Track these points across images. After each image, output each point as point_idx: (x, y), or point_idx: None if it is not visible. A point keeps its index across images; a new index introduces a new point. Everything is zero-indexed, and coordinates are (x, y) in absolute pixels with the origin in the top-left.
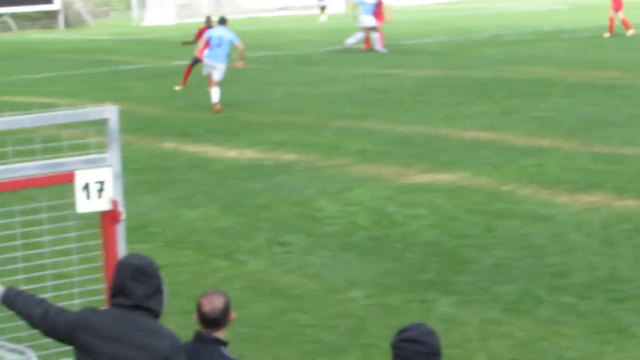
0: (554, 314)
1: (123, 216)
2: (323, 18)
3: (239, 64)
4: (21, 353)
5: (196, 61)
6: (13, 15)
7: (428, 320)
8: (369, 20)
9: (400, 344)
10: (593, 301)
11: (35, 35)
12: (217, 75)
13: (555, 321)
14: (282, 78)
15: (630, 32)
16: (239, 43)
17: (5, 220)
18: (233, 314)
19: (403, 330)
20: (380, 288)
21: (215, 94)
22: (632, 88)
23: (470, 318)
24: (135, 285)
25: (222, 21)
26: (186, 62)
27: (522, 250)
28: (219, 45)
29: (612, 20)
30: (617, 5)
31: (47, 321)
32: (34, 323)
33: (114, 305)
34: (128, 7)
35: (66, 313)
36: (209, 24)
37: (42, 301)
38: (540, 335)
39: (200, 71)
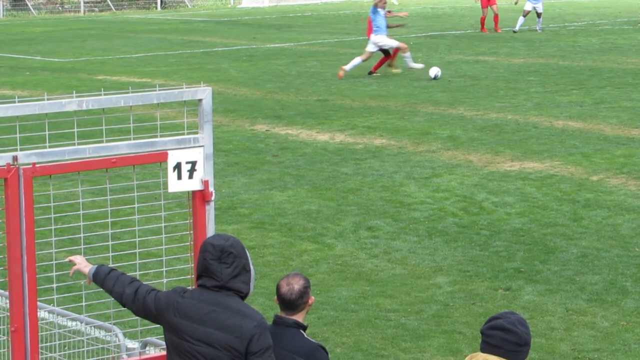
0: (639, 305)
1: (213, 197)
2: (395, 1)
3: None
4: (108, 330)
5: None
6: None
7: (512, 308)
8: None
9: (490, 332)
10: None
11: (132, 15)
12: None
13: (639, 312)
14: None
15: None
16: None
17: (97, 198)
18: (312, 298)
19: (494, 318)
20: (466, 275)
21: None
22: None
23: (555, 307)
24: (219, 266)
25: None
26: (279, 45)
27: (609, 241)
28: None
29: None
30: None
31: (137, 300)
32: (124, 301)
33: (199, 286)
34: None
35: (155, 293)
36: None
37: (133, 280)
38: (625, 327)
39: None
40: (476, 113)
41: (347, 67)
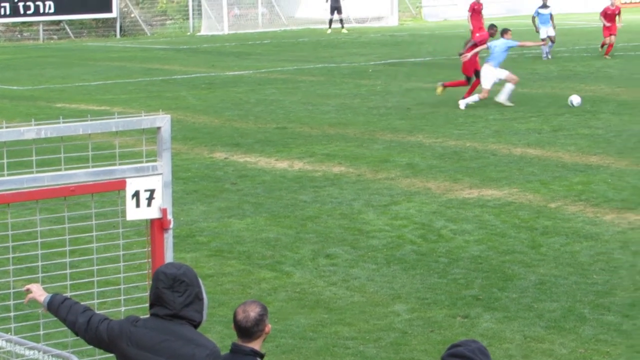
0: (597, 333)
1: (171, 225)
2: (344, 31)
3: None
4: (65, 359)
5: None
6: (70, 23)
7: (470, 336)
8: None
9: (451, 359)
10: (637, 320)
11: (91, 43)
12: None
13: (598, 340)
14: (335, 90)
15: None
16: None
17: (56, 227)
18: (269, 326)
19: (454, 346)
20: (424, 302)
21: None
22: None
23: (513, 335)
24: (171, 295)
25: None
26: (239, 72)
27: (566, 268)
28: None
29: None
30: None
31: (89, 329)
32: (77, 330)
33: (152, 315)
34: (184, 17)
35: (108, 322)
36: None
37: (86, 309)
38: (583, 354)
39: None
40: (435, 140)
41: (468, 100)
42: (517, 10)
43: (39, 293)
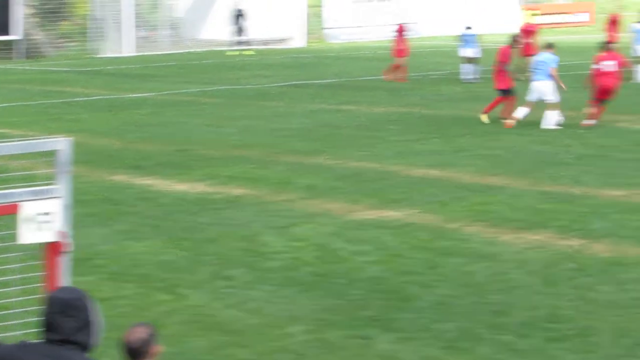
0: (493, 352)
1: (68, 248)
2: (249, 52)
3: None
4: None
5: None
6: None
7: (367, 357)
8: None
9: None
10: (532, 340)
11: None
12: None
13: (493, 359)
14: (238, 112)
15: None
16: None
17: None
18: (158, 347)
19: None
20: (321, 324)
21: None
22: (586, 128)
23: (410, 355)
24: (63, 320)
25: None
26: (142, 94)
27: (464, 288)
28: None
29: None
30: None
31: None
32: None
33: (44, 340)
34: (87, 39)
35: None
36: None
37: None
38: None
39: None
40: (336, 162)
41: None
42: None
43: None
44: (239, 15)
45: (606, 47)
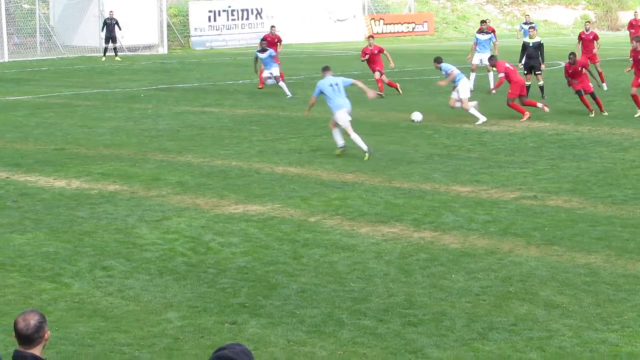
0: (355, 336)
1: None
2: (117, 59)
3: None
4: None
5: None
6: None
7: (238, 341)
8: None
9: None
10: (390, 324)
11: None
12: None
13: (355, 343)
14: (109, 114)
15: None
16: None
17: None
18: (48, 333)
19: (221, 349)
20: (195, 310)
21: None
22: (431, 129)
23: (277, 339)
24: None
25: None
26: (18, 97)
27: (326, 277)
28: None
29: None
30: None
31: None
32: None
33: None
34: None
35: None
36: None
37: None
38: (342, 356)
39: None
40: (203, 160)
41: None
42: None
43: None
44: (109, 23)
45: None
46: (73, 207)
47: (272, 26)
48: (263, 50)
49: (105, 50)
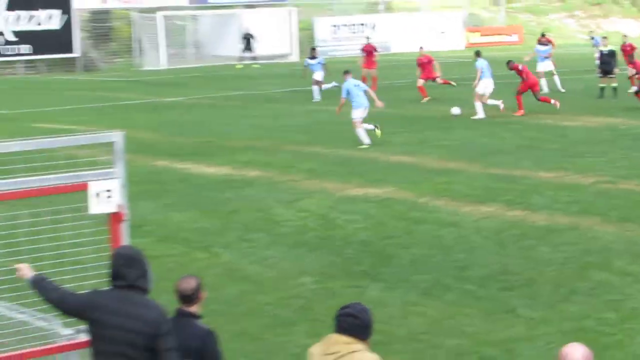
0: (458, 299)
1: (126, 217)
2: (255, 66)
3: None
4: (48, 321)
5: None
6: (43, 61)
7: (362, 301)
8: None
9: (341, 318)
10: (488, 289)
11: (59, 76)
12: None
13: (459, 304)
14: (250, 112)
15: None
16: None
17: (37, 219)
18: (205, 293)
19: (343, 307)
20: (324, 276)
21: None
22: (520, 124)
23: (394, 300)
24: (127, 270)
25: None
26: (175, 99)
27: (434, 249)
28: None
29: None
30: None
31: (62, 303)
32: (52, 304)
33: (113, 286)
34: (131, 55)
35: (77, 295)
36: None
37: (58, 287)
38: (448, 315)
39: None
40: (329, 150)
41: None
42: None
43: (26, 272)
44: (248, 37)
45: None
46: (221, 190)
47: (367, 37)
48: (312, 58)
49: (243, 59)
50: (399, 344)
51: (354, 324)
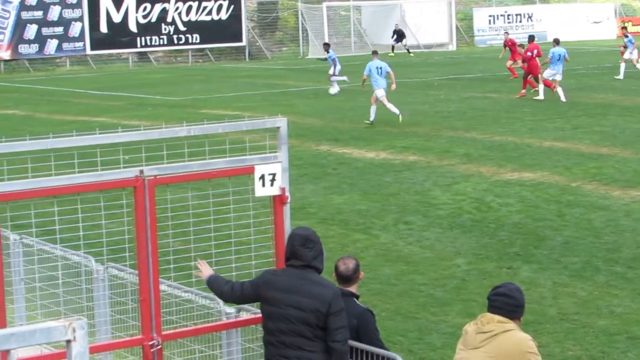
0: (608, 280)
1: (288, 200)
2: (411, 55)
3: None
4: (212, 299)
5: None
6: (211, 50)
7: (514, 281)
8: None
9: (494, 297)
10: (638, 270)
11: (227, 64)
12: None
13: (608, 285)
14: (409, 99)
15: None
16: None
17: (202, 201)
18: (362, 274)
19: (496, 287)
20: (478, 257)
21: None
22: None
23: (545, 281)
24: (304, 250)
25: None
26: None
27: (584, 231)
28: None
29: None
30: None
31: (233, 293)
32: (224, 297)
33: (288, 266)
34: (296, 45)
35: (248, 281)
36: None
37: (228, 281)
38: (597, 296)
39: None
40: (485, 136)
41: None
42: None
43: (205, 271)
44: (398, 32)
45: None
46: (380, 173)
47: (506, 32)
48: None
49: (393, 47)
50: (550, 323)
51: (507, 302)
